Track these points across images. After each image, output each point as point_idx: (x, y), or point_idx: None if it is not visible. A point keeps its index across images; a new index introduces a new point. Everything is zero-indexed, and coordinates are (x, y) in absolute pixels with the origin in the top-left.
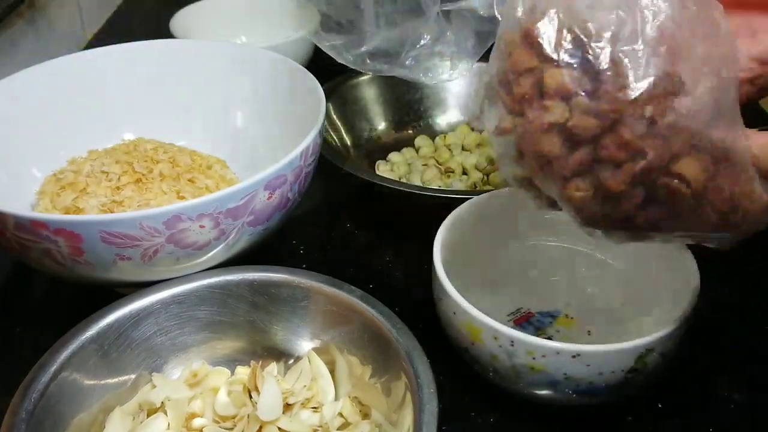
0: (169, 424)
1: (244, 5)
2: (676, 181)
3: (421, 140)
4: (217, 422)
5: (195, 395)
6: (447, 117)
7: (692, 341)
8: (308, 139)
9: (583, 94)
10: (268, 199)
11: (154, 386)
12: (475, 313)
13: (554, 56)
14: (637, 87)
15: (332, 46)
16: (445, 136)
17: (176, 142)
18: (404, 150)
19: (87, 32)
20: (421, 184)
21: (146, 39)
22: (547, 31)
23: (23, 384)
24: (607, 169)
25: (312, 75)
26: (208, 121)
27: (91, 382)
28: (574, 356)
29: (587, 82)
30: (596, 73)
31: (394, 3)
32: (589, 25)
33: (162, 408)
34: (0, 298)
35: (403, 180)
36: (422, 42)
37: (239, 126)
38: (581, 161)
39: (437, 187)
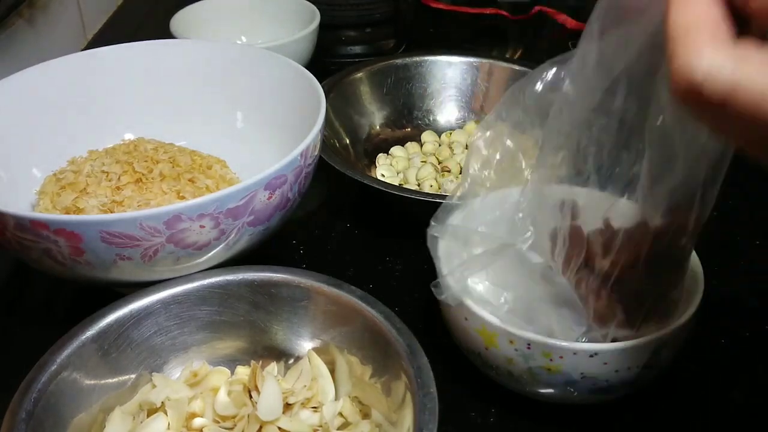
0: (169, 424)
1: (244, 5)
2: None
3: (427, 135)
4: (217, 422)
5: (195, 395)
6: (446, 116)
7: (692, 341)
8: (308, 139)
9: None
10: (268, 199)
11: (154, 386)
12: (490, 318)
13: None
14: None
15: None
16: (450, 133)
17: (176, 142)
18: (408, 144)
19: (87, 32)
20: (416, 181)
21: (146, 39)
22: None
23: (23, 384)
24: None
25: (312, 75)
26: (208, 121)
27: (91, 382)
28: (591, 355)
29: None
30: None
31: None
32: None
33: (162, 408)
34: (0, 298)
35: (400, 176)
36: None
37: (239, 126)
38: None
39: (429, 186)
